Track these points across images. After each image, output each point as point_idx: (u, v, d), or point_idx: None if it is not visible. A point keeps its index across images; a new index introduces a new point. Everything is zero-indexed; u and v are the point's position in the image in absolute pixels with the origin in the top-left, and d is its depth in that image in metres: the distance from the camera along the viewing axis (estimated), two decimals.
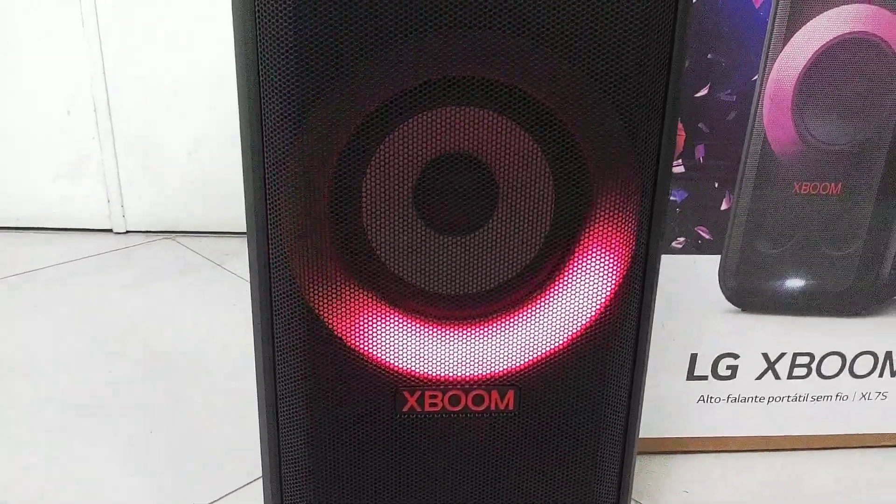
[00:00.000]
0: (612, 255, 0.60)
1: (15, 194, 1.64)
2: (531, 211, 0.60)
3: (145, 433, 0.95)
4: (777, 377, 0.88)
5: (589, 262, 0.60)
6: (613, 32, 0.52)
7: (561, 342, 0.61)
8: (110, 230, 1.66)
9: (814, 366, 0.88)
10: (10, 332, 1.22)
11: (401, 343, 0.61)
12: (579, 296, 0.61)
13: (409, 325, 0.61)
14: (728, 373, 0.87)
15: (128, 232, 1.66)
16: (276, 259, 0.59)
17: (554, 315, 0.61)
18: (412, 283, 0.61)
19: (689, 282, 0.82)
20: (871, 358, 0.88)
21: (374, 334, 0.61)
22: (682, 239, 0.80)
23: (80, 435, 0.95)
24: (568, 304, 0.61)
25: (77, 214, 1.65)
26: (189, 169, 1.61)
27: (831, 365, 0.88)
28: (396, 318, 0.61)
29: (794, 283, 0.84)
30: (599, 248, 0.60)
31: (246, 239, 0.60)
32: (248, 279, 0.61)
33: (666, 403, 0.88)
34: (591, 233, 0.60)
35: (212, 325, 1.25)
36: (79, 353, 1.14)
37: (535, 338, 0.61)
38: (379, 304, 0.61)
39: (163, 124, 1.58)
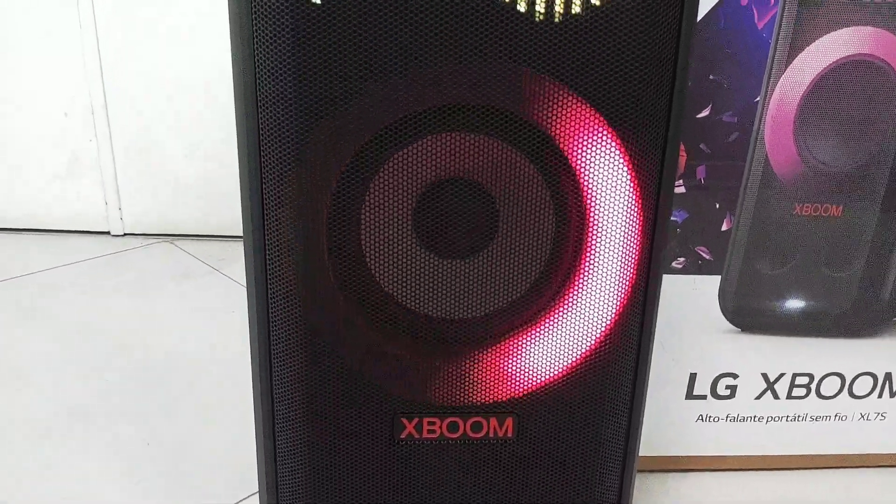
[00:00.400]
0: (613, 282, 0.60)
1: (11, 196, 1.63)
2: (532, 236, 0.59)
3: (141, 444, 0.95)
4: (776, 397, 0.88)
5: (590, 288, 0.60)
6: (614, 61, 0.52)
7: (561, 369, 0.61)
8: (108, 232, 1.65)
9: (813, 386, 0.88)
10: (5, 337, 1.21)
11: (399, 368, 0.61)
12: (580, 322, 0.60)
13: (408, 350, 0.61)
14: (727, 392, 0.87)
15: (125, 234, 1.65)
16: (274, 282, 0.58)
17: (554, 342, 0.60)
18: (411, 308, 0.61)
19: (688, 302, 0.82)
20: (870, 378, 0.88)
21: (372, 359, 0.61)
22: (682, 259, 0.80)
23: (74, 443, 0.95)
24: (569, 330, 0.60)
25: (74, 216, 1.64)
26: (187, 171, 1.60)
27: (831, 385, 0.88)
28: (395, 343, 0.61)
29: (794, 303, 0.83)
30: (600, 274, 0.60)
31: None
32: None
33: (664, 421, 0.88)
34: (592, 259, 0.59)
35: (209, 332, 1.24)
36: (74, 361, 1.14)
37: (535, 364, 0.61)
38: (377, 329, 0.60)
39: (161, 126, 1.58)
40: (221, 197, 1.61)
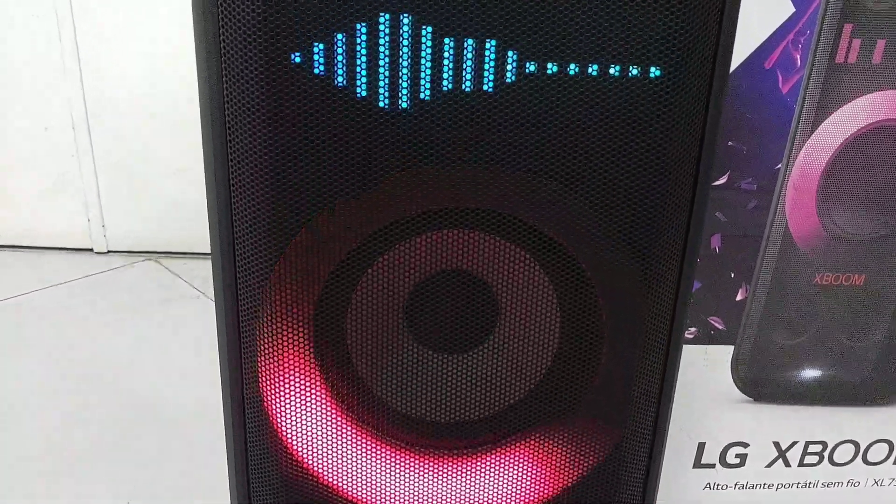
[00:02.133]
0: (622, 390, 0.55)
1: None
2: (535, 331, 0.54)
3: (120, 490, 0.90)
4: (787, 464, 0.84)
5: (599, 395, 0.55)
6: (629, 170, 0.47)
7: (565, 482, 0.56)
8: (90, 249, 1.60)
9: (826, 453, 0.84)
10: None
11: (382, 479, 0.56)
12: (586, 432, 0.55)
13: (393, 458, 0.56)
14: (737, 461, 0.83)
15: (109, 252, 1.60)
16: (249, 389, 0.53)
17: (560, 453, 0.56)
18: (398, 409, 0.56)
19: (699, 372, 0.77)
20: (885, 446, 0.84)
21: (352, 468, 0.56)
22: (693, 329, 0.75)
23: (48, 486, 0.90)
24: (574, 441, 0.55)
25: (56, 233, 1.59)
26: (171, 187, 1.55)
27: (844, 453, 0.84)
28: (378, 450, 0.56)
29: (810, 373, 0.79)
30: (608, 381, 0.55)
31: None
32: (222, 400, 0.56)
33: (671, 490, 0.84)
34: (601, 365, 0.55)
35: (192, 364, 1.19)
36: (51, 397, 1.09)
37: (538, 476, 0.56)
38: (359, 434, 0.56)
39: (145, 140, 1.52)
40: (206, 214, 1.55)
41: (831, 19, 0.66)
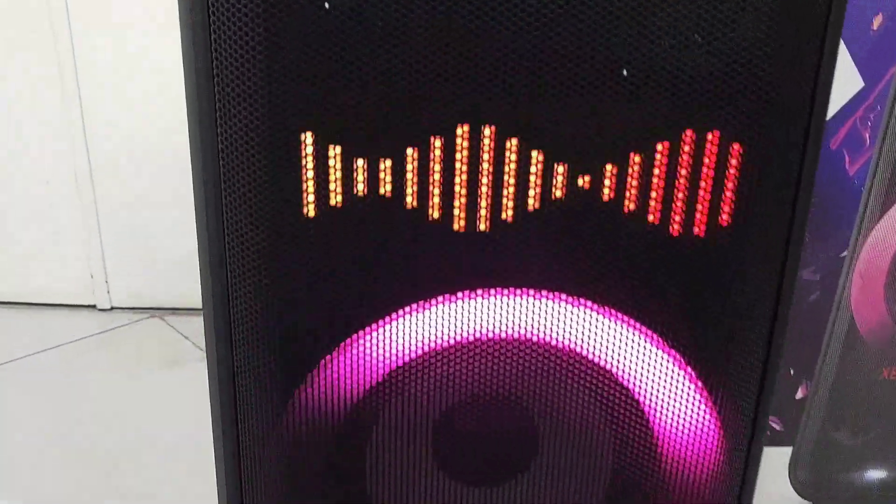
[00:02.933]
0: None
1: None
2: (581, 464, 0.47)
3: None
4: None
5: None
6: (705, 302, 0.40)
7: None
8: (94, 306, 1.54)
9: None
10: None
11: None
12: None
13: None
14: None
15: (112, 308, 1.53)
16: None
17: None
18: None
19: None
20: None
21: None
22: None
23: None
24: None
25: (58, 289, 1.53)
26: (176, 242, 1.49)
27: None
28: None
29: (875, 474, 0.72)
30: None
31: None
32: None
33: None
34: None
35: (199, 438, 1.12)
36: (50, 466, 1.02)
37: None
38: None
39: (149, 194, 1.46)
40: None
41: None
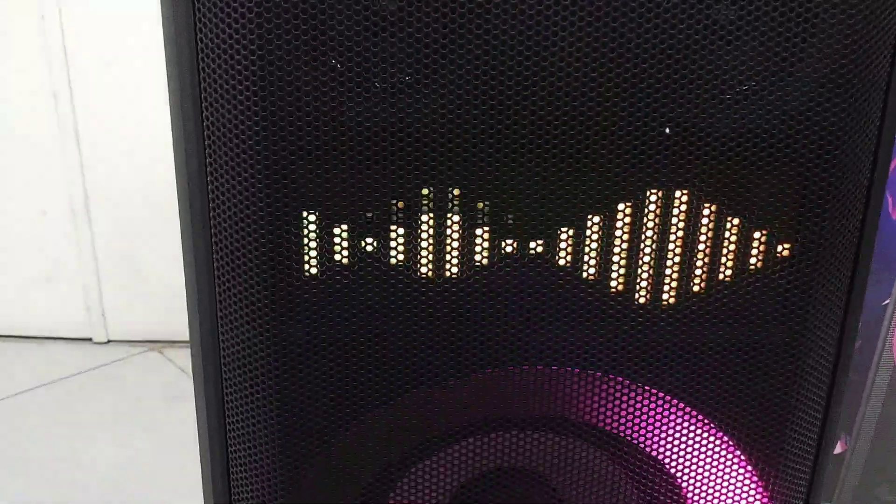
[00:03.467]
0: None
1: None
2: None
3: None
4: None
5: None
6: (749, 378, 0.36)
7: None
8: (90, 339, 1.50)
9: None
10: None
11: None
12: None
13: None
14: None
15: (109, 342, 1.50)
16: None
17: None
18: None
19: None
20: None
21: None
22: None
23: None
24: None
25: (53, 322, 1.49)
26: (173, 274, 1.44)
27: None
28: None
29: None
30: None
31: None
32: None
33: None
34: None
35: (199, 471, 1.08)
36: (49, 501, 0.98)
37: None
38: None
39: (146, 225, 1.43)
40: None
41: None
